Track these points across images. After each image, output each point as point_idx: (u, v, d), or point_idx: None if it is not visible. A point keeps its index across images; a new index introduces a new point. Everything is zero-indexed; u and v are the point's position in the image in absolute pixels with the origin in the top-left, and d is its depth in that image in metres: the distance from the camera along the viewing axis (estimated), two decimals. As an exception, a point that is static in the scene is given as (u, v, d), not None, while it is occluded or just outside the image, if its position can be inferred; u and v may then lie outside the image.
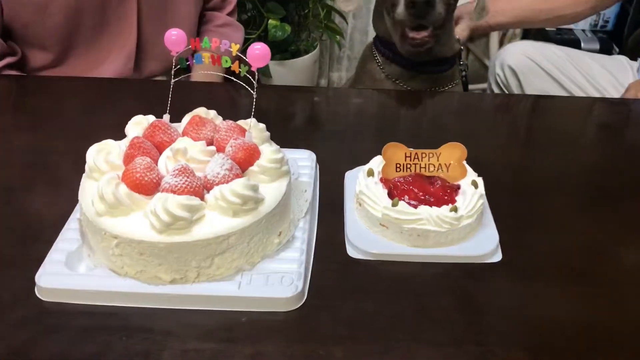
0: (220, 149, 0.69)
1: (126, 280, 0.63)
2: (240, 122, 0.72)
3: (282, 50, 2.25)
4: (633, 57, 1.56)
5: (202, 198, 0.63)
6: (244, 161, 0.67)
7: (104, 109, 1.01)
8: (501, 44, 2.43)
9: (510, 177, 0.86)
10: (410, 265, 0.68)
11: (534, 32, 2.34)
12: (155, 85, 1.16)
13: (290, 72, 2.25)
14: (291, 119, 1.02)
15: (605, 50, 2.15)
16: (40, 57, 1.15)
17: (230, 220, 0.62)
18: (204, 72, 1.22)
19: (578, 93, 1.50)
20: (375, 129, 0.99)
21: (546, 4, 1.49)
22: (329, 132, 0.98)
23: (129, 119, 0.74)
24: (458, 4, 1.26)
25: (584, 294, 0.65)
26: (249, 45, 0.70)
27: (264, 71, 2.14)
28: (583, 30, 2.25)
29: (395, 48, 1.22)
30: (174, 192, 0.62)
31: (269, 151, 0.68)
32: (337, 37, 2.30)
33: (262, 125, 0.73)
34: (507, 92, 1.58)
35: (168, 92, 0.73)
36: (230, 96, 1.08)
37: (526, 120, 1.06)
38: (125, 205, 0.62)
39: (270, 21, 2.09)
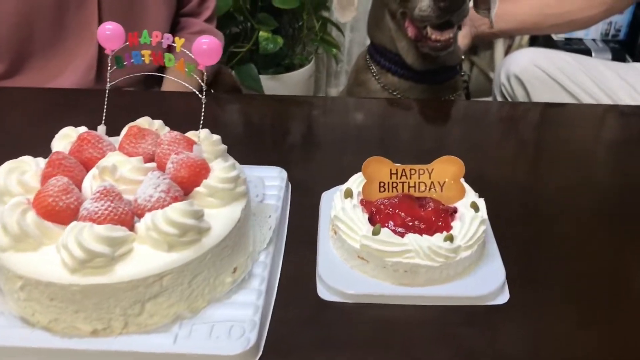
0: (161, 167, 0.56)
1: (36, 332, 0.50)
2: (190, 134, 0.60)
3: (275, 64, 2.14)
4: (651, 68, 1.43)
5: (130, 227, 0.51)
6: (188, 181, 0.54)
7: (54, 122, 0.89)
8: (507, 54, 2.31)
9: (518, 197, 0.73)
10: (396, 309, 0.55)
11: (542, 42, 2.22)
12: (119, 96, 1.03)
13: (283, 87, 2.13)
14: (263, 131, 0.89)
15: (618, 60, 2.02)
16: (-11, 67, 1.03)
17: (164, 256, 0.49)
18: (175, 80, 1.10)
19: (590, 102, 1.36)
20: (362, 141, 0.86)
21: (555, 8, 1.36)
22: (307, 146, 0.85)
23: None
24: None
25: (604, 333, 0.52)
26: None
27: (255, 86, 2.03)
28: (594, 40, 2.12)
29: (393, 57, 1.10)
30: (93, 220, 0.49)
31: (221, 168, 0.55)
32: (334, 50, 2.18)
33: (217, 137, 0.60)
34: (513, 104, 1.46)
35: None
36: (195, 105, 0.96)
37: (535, 131, 0.92)
38: (34, 237, 0.49)
39: (261, 33, 1.98)
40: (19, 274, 0.48)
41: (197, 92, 0.57)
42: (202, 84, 0.56)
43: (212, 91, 1.24)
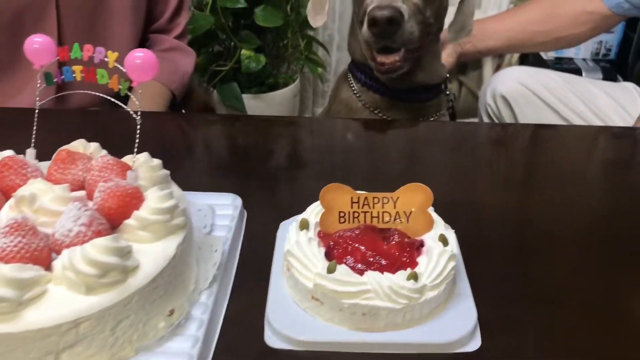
0: (91, 196, 0.50)
1: None
2: (127, 158, 0.54)
3: (258, 83, 2.09)
4: (642, 84, 1.38)
5: (47, 266, 0.44)
6: (116, 212, 0.48)
7: (8, 143, 0.83)
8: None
9: (495, 227, 0.66)
10: (353, 357, 0.48)
11: (531, 61, 2.18)
12: (77, 116, 0.97)
13: (267, 107, 2.08)
14: (219, 154, 0.82)
15: (609, 80, 1.98)
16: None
17: (81, 300, 0.43)
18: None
19: (578, 123, 1.31)
20: (328, 166, 0.79)
21: (542, 25, 1.32)
22: (267, 170, 0.78)
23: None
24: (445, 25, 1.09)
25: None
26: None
27: (238, 106, 1.98)
28: (584, 60, 2.08)
29: (373, 73, 1.04)
30: (1, 258, 0.43)
31: (155, 197, 0.49)
32: (319, 69, 2.13)
33: (157, 162, 0.54)
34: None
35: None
36: (161, 126, 0.89)
37: (517, 154, 0.86)
38: None
39: (243, 51, 1.93)
40: None
41: (132, 113, 0.51)
42: (135, 101, 0.50)
43: (183, 111, 1.18)
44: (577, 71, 2.00)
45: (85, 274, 0.43)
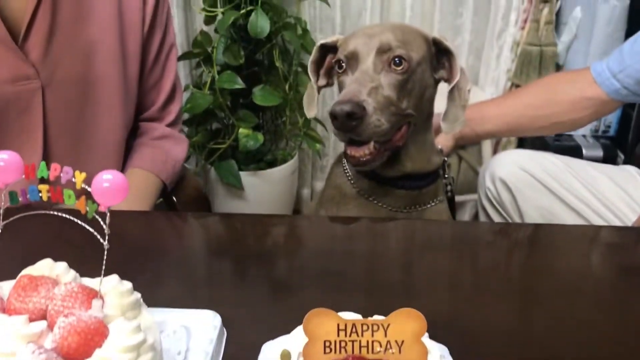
0: (53, 326, 0.46)
1: None
2: (94, 282, 0.50)
3: (256, 160, 2.07)
4: (644, 168, 1.35)
5: (-8, 420, 0.40)
6: (77, 351, 0.43)
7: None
8: (495, 150, 2.26)
9: (502, 350, 0.61)
10: None
11: (530, 140, 2.17)
12: (60, 220, 0.94)
13: (265, 184, 2.06)
14: (195, 260, 0.76)
15: (610, 157, 1.96)
16: None
17: None
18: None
19: (585, 211, 1.27)
20: (319, 275, 0.73)
21: (542, 109, 1.30)
22: (251, 281, 0.72)
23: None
24: (437, 111, 1.07)
25: None
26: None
27: (235, 183, 1.96)
28: (584, 136, 2.07)
29: None
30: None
31: (121, 332, 0.44)
32: (317, 145, 2.12)
33: (127, 287, 0.50)
34: (501, 211, 1.36)
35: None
36: (131, 229, 0.84)
37: (520, 260, 0.80)
38: None
39: (241, 130, 1.93)
40: None
41: (99, 237, 0.47)
42: (105, 227, 0.46)
43: (175, 199, 1.15)
44: (577, 148, 1.98)
45: None
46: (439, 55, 0.99)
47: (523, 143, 2.22)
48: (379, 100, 0.88)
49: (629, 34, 1.96)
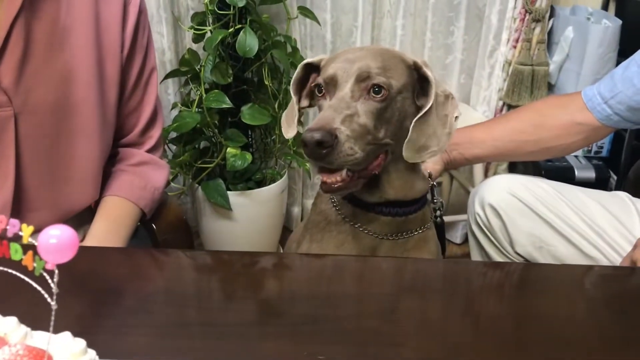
0: (-5, 394, 0.42)
1: None
2: (42, 341, 0.46)
3: (244, 180, 2.04)
4: (636, 194, 1.32)
5: None
6: None
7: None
8: (487, 169, 2.24)
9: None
10: None
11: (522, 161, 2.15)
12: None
13: (254, 204, 2.03)
14: (162, 304, 0.71)
15: (602, 178, 1.94)
16: None
17: None
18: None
19: (575, 238, 1.24)
20: (297, 322, 0.69)
21: (531, 135, 1.28)
22: (220, 331, 0.67)
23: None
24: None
25: None
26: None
27: (223, 204, 1.92)
28: (576, 157, 2.05)
29: None
30: None
31: (68, 400, 0.41)
32: (307, 164, 2.09)
33: (79, 346, 0.46)
34: (490, 237, 1.33)
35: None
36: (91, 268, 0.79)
37: (509, 304, 0.77)
38: None
39: (229, 150, 1.90)
40: None
41: (47, 296, 0.44)
42: (53, 286, 0.43)
43: (154, 227, 1.12)
44: (570, 169, 1.96)
45: None
46: (422, 81, 0.95)
47: (515, 164, 2.20)
48: (354, 128, 0.85)
49: (621, 54, 1.95)
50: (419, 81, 0.95)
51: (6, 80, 0.89)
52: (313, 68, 1.01)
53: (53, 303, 0.44)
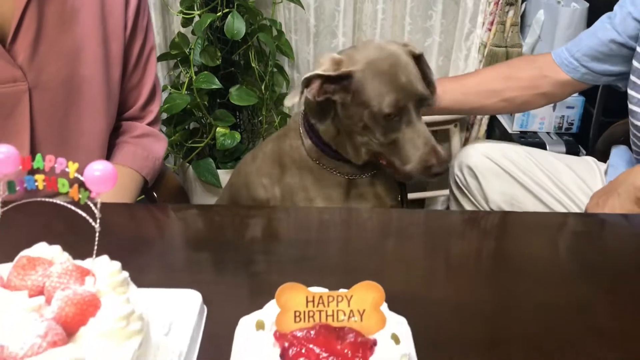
0: (50, 301, 0.51)
1: None
2: (86, 262, 0.55)
3: (233, 159, 2.13)
4: (603, 159, 1.44)
5: (0, 381, 0.45)
6: (73, 320, 0.49)
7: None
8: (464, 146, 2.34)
9: (456, 323, 0.68)
10: None
11: (497, 135, 2.26)
12: (50, 208, 0.98)
13: (243, 182, 2.11)
14: (177, 247, 0.84)
15: (572, 153, 2.05)
16: None
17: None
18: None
19: (543, 196, 1.35)
20: (289, 258, 0.80)
21: (498, 84, 1.35)
22: (226, 262, 0.79)
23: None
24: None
25: None
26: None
27: (213, 181, 2.01)
28: (548, 133, 2.16)
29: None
30: (-47, 374, 0.43)
31: (112, 303, 0.50)
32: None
33: (115, 266, 0.55)
34: (468, 195, 1.44)
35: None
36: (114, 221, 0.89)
37: (478, 244, 0.88)
38: None
39: (218, 129, 1.98)
40: None
41: (91, 221, 0.53)
42: (96, 211, 0.52)
43: (155, 195, 1.20)
44: (542, 144, 2.07)
45: (38, 388, 0.43)
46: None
47: (491, 139, 2.30)
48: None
49: (589, 35, 2.06)
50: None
51: (21, 57, 0.96)
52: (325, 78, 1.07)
53: (97, 226, 0.53)
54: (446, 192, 2.02)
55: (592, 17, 2.03)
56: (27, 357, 0.45)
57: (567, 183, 1.36)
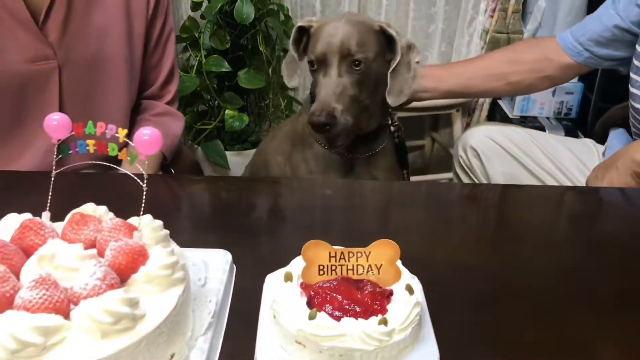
0: (102, 253, 0.57)
1: None
2: (132, 220, 0.61)
3: (241, 141, 2.18)
4: (601, 142, 1.50)
5: (66, 316, 0.51)
6: (126, 268, 0.55)
7: (4, 207, 0.89)
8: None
9: (459, 279, 0.74)
10: (332, 393, 0.55)
11: (498, 119, 2.32)
12: (77, 178, 1.05)
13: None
14: (207, 214, 0.91)
15: (571, 137, 2.11)
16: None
17: (97, 344, 0.49)
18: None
19: (543, 176, 1.42)
20: (309, 223, 0.88)
21: (502, 67, 1.39)
22: (252, 227, 0.86)
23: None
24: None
25: None
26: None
27: (221, 162, 2.06)
28: (547, 118, 2.22)
29: None
30: (27, 309, 0.50)
31: (159, 255, 0.56)
32: (299, 127, 2.24)
33: (158, 223, 0.61)
34: (471, 175, 1.50)
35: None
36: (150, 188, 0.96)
37: (484, 212, 0.95)
38: (-34, 326, 0.49)
39: (227, 111, 2.03)
40: (-51, 364, 0.48)
41: (138, 180, 0.59)
42: (143, 172, 0.58)
43: (173, 171, 1.26)
44: (541, 129, 2.13)
45: (100, 322, 0.49)
46: (388, 39, 1.15)
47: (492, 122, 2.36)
48: (346, 102, 1.08)
49: (588, 22, 2.11)
50: (385, 40, 1.15)
51: (52, 35, 1.02)
52: (304, 29, 1.20)
53: (144, 185, 0.59)
54: (448, 174, 2.09)
55: (592, 4, 2.08)
56: (89, 297, 0.51)
57: (566, 164, 1.42)
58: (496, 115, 2.35)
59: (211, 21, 1.96)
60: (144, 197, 0.59)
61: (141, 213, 0.60)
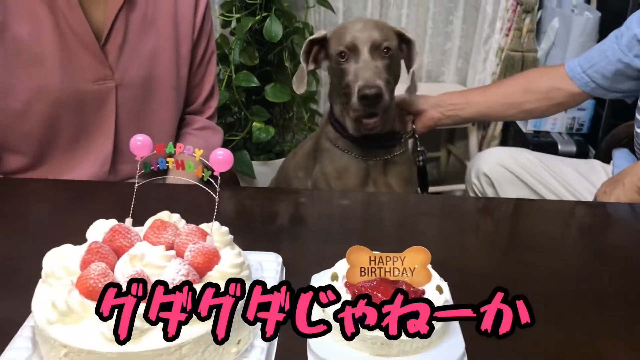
0: (180, 254, 0.68)
1: (73, 394, 0.60)
2: (203, 226, 0.72)
3: (266, 151, 2.29)
4: (606, 160, 1.59)
5: (157, 305, 0.62)
6: (203, 266, 0.66)
7: (75, 211, 1.00)
8: (481, 144, 2.50)
9: (482, 283, 0.84)
10: (373, 375, 0.65)
11: (512, 134, 2.41)
12: (130, 188, 1.15)
13: (274, 172, 2.27)
14: (257, 221, 1.02)
15: (582, 152, 2.20)
16: (15, 161, 1.16)
17: (184, 329, 0.60)
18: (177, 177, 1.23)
19: (551, 198, 1.51)
20: (346, 230, 0.99)
21: (517, 97, 1.49)
22: (296, 234, 0.98)
23: (98, 223, 0.73)
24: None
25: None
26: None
27: (248, 172, 2.17)
28: (560, 133, 2.31)
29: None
30: (127, 299, 0.60)
31: (230, 255, 0.67)
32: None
33: (225, 229, 0.72)
34: (484, 201, 1.60)
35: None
36: (198, 200, 1.08)
37: (502, 224, 1.06)
38: (77, 312, 0.60)
39: (254, 124, 2.15)
40: (64, 343, 0.59)
41: (211, 192, 0.70)
42: (217, 186, 0.69)
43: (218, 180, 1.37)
44: (554, 144, 2.22)
45: (187, 310, 0.60)
46: (400, 43, 1.32)
47: (506, 139, 2.46)
48: (385, 81, 1.21)
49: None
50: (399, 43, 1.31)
51: (110, 57, 1.13)
52: (315, 43, 1.33)
53: (216, 197, 0.69)
54: (463, 186, 2.18)
55: (603, 25, 2.18)
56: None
57: (575, 186, 1.51)
58: (510, 129, 2.45)
59: (241, 38, 2.08)
60: (216, 206, 0.69)
61: (214, 219, 0.70)
